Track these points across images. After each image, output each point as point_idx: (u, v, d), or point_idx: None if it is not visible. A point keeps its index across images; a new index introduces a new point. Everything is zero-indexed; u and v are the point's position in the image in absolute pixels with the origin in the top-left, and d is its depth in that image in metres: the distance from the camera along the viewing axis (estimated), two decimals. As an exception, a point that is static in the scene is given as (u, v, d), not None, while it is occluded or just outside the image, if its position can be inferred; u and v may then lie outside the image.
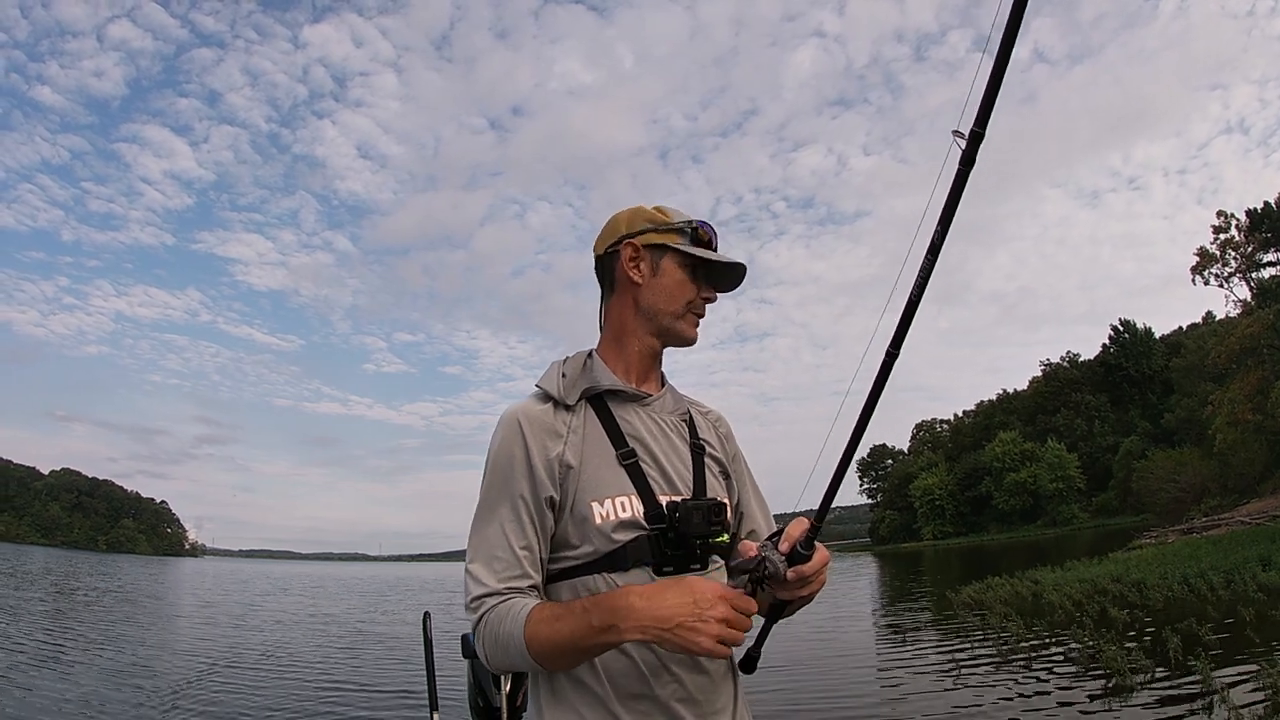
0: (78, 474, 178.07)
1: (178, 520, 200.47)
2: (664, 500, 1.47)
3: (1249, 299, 51.64)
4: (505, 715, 2.49)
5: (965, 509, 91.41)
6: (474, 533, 1.47)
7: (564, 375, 1.55)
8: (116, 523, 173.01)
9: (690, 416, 1.67)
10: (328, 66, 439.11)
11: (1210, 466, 51.62)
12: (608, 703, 1.39)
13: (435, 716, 2.60)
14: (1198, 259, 54.23)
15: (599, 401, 1.55)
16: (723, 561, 1.55)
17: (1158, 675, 9.67)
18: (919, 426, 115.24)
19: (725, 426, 1.77)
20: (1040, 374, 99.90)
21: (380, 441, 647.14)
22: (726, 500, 1.58)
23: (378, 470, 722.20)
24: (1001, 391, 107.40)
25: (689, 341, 1.62)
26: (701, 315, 1.61)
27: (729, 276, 1.63)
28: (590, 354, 1.61)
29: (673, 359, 1.71)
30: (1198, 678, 8.85)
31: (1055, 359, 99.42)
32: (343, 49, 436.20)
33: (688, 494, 1.52)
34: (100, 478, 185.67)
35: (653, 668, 1.40)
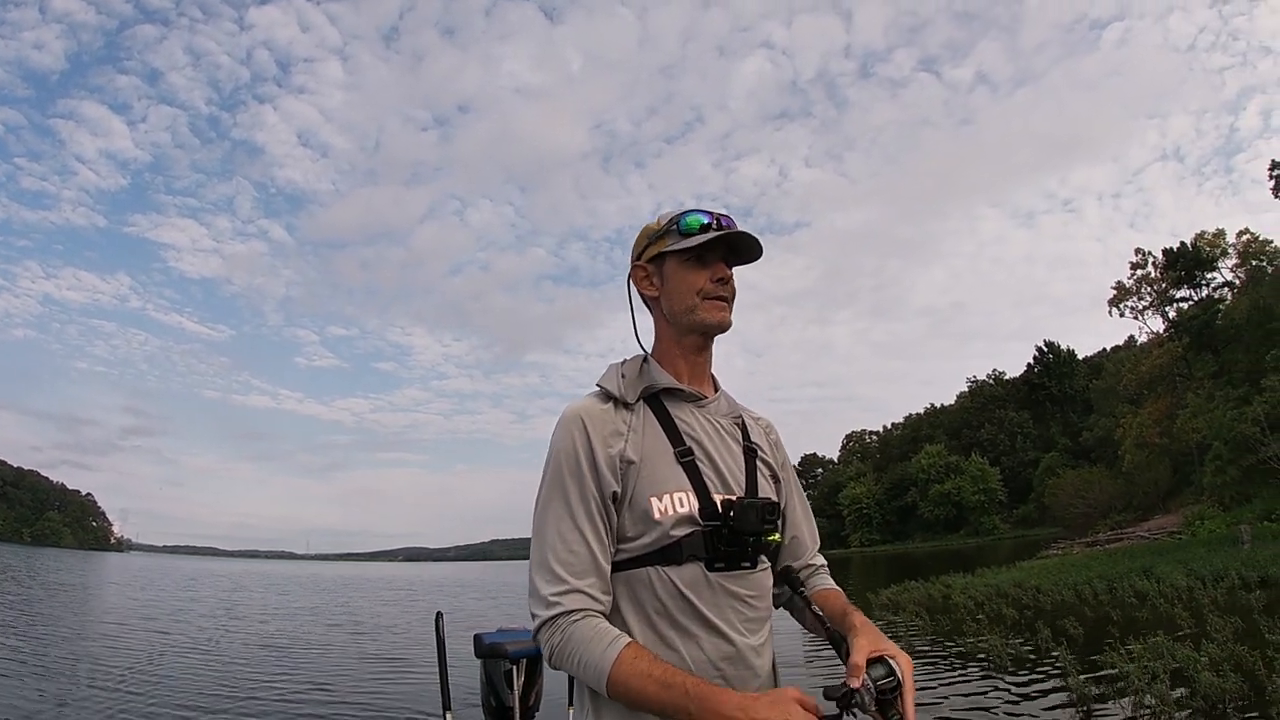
0: (2, 463, 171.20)
1: (103, 514, 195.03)
2: (718, 499, 1.49)
3: (1162, 330, 55.10)
4: (518, 715, 2.52)
5: (892, 518, 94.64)
6: (543, 527, 1.48)
7: (623, 376, 1.59)
8: (41, 515, 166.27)
9: (743, 421, 1.69)
10: (272, 50, 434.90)
11: (1118, 484, 54.99)
12: None
13: (448, 716, 2.56)
14: (1115, 292, 57.57)
15: (656, 401, 1.59)
16: (769, 563, 1.60)
17: (1027, 661, 11.50)
18: (849, 437, 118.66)
19: (775, 434, 1.79)
20: (967, 390, 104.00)
21: (310, 437, 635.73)
22: (778, 501, 1.65)
23: (308, 466, 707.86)
24: (930, 405, 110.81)
25: (717, 326, 1.62)
26: (720, 296, 1.61)
27: (739, 247, 1.63)
28: (646, 357, 1.65)
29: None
30: (1060, 665, 10.45)
31: (983, 376, 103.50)
32: (288, 33, 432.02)
33: (740, 493, 1.54)
34: (25, 468, 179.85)
35: (708, 675, 1.41)
